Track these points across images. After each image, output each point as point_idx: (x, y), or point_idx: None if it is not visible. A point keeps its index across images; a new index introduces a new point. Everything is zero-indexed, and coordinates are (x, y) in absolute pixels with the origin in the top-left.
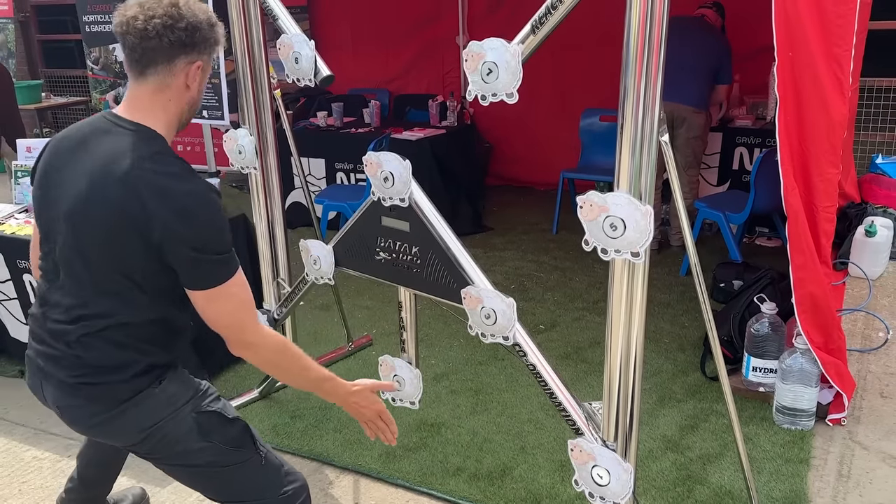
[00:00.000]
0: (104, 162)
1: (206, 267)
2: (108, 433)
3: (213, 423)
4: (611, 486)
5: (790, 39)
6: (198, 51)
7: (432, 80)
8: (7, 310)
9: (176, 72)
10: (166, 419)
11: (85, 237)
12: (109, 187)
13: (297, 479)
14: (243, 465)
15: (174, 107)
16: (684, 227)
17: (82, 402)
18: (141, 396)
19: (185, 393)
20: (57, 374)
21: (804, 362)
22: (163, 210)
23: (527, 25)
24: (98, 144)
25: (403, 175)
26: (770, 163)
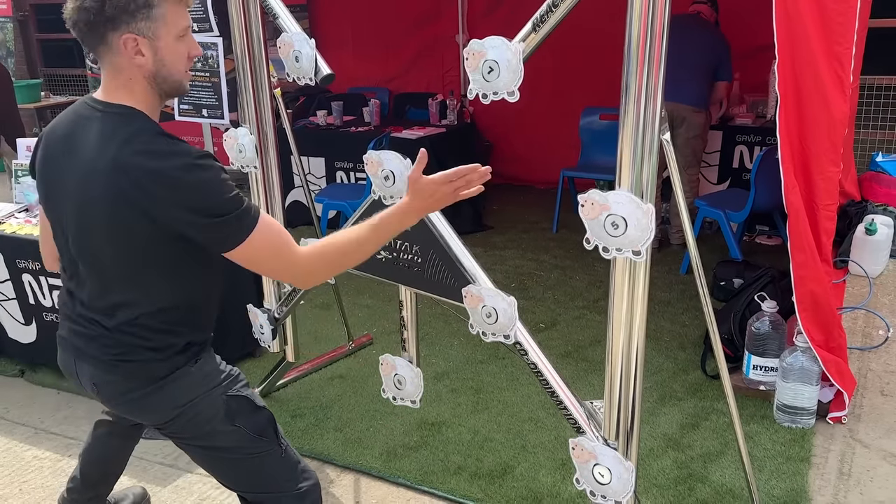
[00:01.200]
0: (92, 153)
1: (225, 229)
2: (143, 409)
3: (242, 408)
4: (612, 485)
5: (791, 37)
6: (124, 22)
7: (432, 78)
8: (6, 310)
9: (116, 50)
10: (200, 397)
11: (92, 232)
12: (102, 180)
13: (311, 478)
14: (264, 454)
15: (137, 83)
16: (686, 225)
17: (119, 378)
18: (179, 374)
19: (218, 374)
20: (93, 351)
21: (805, 360)
22: (162, 191)
23: (528, 24)
24: (84, 134)
25: (404, 174)
26: (770, 161)
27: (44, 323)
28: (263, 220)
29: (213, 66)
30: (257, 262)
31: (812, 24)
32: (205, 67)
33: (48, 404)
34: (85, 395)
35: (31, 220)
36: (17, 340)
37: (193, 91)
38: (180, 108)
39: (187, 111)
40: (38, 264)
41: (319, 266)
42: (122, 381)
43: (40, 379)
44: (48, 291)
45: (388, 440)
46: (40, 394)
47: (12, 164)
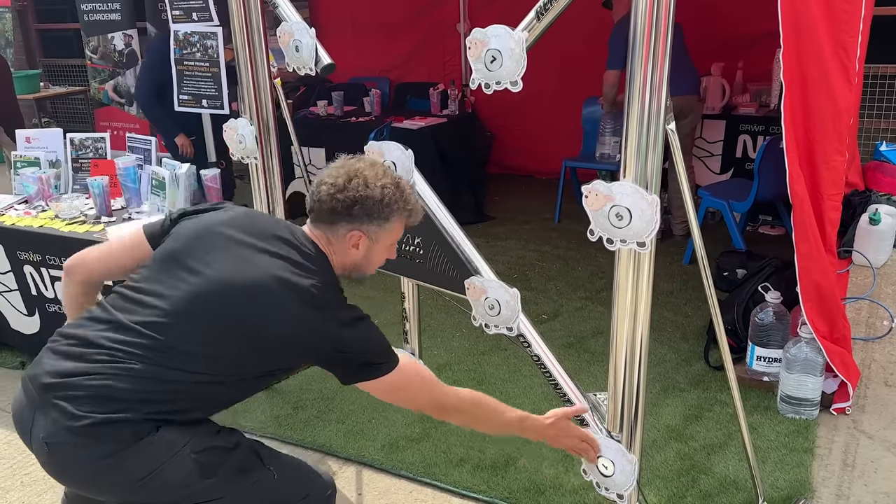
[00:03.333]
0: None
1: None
2: (99, 482)
3: (214, 458)
4: (615, 477)
5: (796, 26)
6: (359, 221)
7: (433, 68)
8: (8, 301)
9: (338, 234)
10: (164, 465)
11: (208, 311)
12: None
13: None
14: (254, 485)
15: (338, 260)
16: (690, 215)
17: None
18: (142, 443)
19: (182, 437)
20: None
21: (809, 351)
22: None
23: (531, 12)
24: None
25: (406, 164)
26: (774, 150)
27: (46, 314)
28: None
29: (212, 55)
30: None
31: (818, 13)
32: (204, 57)
33: None
34: None
35: (30, 212)
36: (20, 331)
37: (193, 81)
38: (180, 99)
39: (187, 101)
40: (39, 256)
41: (464, 413)
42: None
43: None
44: (49, 282)
45: (390, 432)
46: None
47: (11, 155)
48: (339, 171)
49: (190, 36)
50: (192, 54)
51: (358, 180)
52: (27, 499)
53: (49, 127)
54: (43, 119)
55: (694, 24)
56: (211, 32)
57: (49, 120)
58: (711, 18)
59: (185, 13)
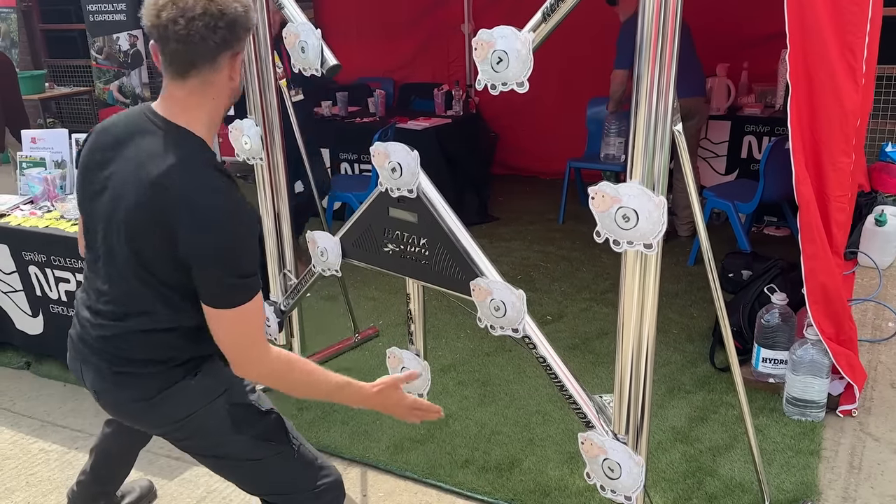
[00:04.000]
0: (139, 166)
1: (226, 288)
2: (141, 420)
3: (247, 416)
4: (622, 480)
5: (803, 26)
6: (239, 41)
7: (437, 68)
8: (13, 301)
9: (219, 68)
10: (201, 410)
11: (120, 239)
12: (142, 193)
13: (331, 474)
14: (275, 457)
15: (217, 103)
16: (697, 216)
17: (116, 388)
18: (176, 388)
19: (219, 385)
20: (95, 360)
21: (815, 353)
22: (188, 225)
23: (538, 13)
24: (136, 145)
25: (412, 165)
26: (779, 151)
27: (51, 315)
28: (259, 298)
29: None
30: (230, 332)
31: (824, 13)
32: None
33: (54, 396)
34: None
35: (35, 213)
36: (25, 332)
37: None
38: None
39: None
40: (44, 256)
41: (278, 373)
42: (120, 392)
43: (47, 371)
44: (55, 284)
45: (395, 433)
46: (47, 386)
47: (17, 155)
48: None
49: None
50: None
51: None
52: (33, 499)
53: (54, 127)
54: (48, 119)
55: (699, 24)
56: None
57: (54, 120)
58: (716, 19)
59: None
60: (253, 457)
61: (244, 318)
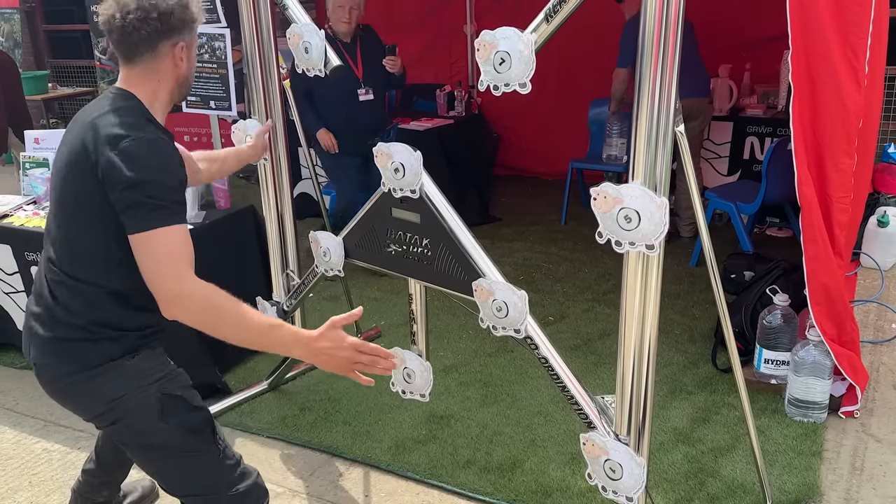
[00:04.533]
0: (83, 119)
1: (140, 209)
2: (73, 399)
3: (176, 407)
4: (623, 480)
5: (805, 27)
6: (177, 32)
7: (440, 69)
8: (15, 302)
9: (161, 56)
10: (131, 393)
11: (61, 182)
12: (76, 134)
13: (251, 478)
14: (198, 455)
15: (162, 85)
16: (699, 217)
17: (53, 360)
18: (111, 365)
19: (155, 372)
20: (38, 330)
21: (817, 354)
22: (106, 151)
23: (540, 14)
24: (87, 109)
25: (414, 166)
26: (781, 152)
27: None
28: (181, 228)
29: (220, 57)
30: (150, 258)
31: (827, 14)
32: (212, 59)
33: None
34: None
35: (39, 213)
36: None
37: (200, 83)
38: (188, 100)
39: (195, 103)
40: None
41: (199, 304)
42: (56, 365)
43: None
44: None
45: (397, 433)
46: None
47: (20, 155)
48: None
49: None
50: (200, 56)
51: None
52: (35, 499)
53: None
54: (51, 120)
55: (701, 25)
56: (219, 34)
57: (57, 121)
58: (719, 20)
59: None
60: (175, 449)
61: (161, 241)
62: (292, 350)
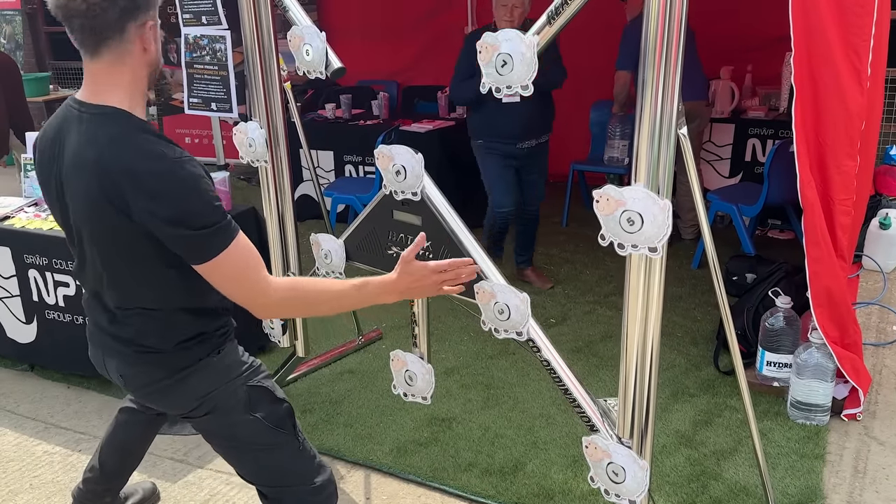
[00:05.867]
0: (76, 157)
1: (196, 241)
2: (166, 399)
3: (262, 399)
4: (626, 484)
5: (807, 29)
6: (144, 9)
7: (441, 71)
8: (7, 307)
9: (130, 39)
10: (221, 388)
11: (87, 233)
12: (89, 182)
13: (326, 472)
14: (281, 447)
15: (135, 75)
16: (702, 219)
17: (141, 371)
18: (200, 365)
19: (239, 365)
20: (117, 346)
21: (819, 357)
22: (135, 194)
23: (542, 16)
24: (70, 138)
25: (416, 168)
26: (783, 154)
27: (45, 321)
28: (240, 239)
29: (221, 59)
30: (225, 280)
31: (829, 16)
32: (213, 61)
33: (58, 399)
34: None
35: (40, 215)
36: (16, 340)
37: (202, 84)
38: (189, 102)
39: (196, 105)
40: (46, 259)
41: (288, 301)
42: (145, 374)
43: (50, 373)
44: (53, 288)
45: (399, 436)
46: (50, 388)
47: (21, 157)
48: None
49: (199, 39)
50: (202, 57)
51: None
52: (36, 501)
53: None
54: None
55: (703, 27)
56: (220, 36)
57: None
58: (721, 22)
59: (194, 17)
60: (261, 442)
61: (230, 262)
62: (384, 298)
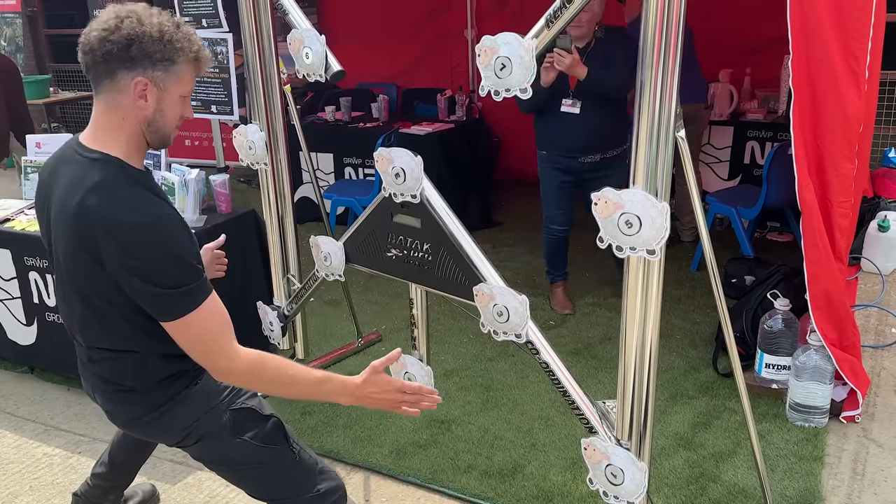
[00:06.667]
0: (62, 197)
1: (165, 300)
2: (153, 433)
3: (248, 420)
4: (625, 486)
5: (805, 32)
6: (141, 66)
7: (440, 74)
8: (8, 309)
9: (121, 88)
10: (204, 416)
11: (66, 274)
12: (68, 225)
13: (331, 478)
14: (276, 462)
15: (129, 125)
16: (700, 222)
17: (125, 407)
18: (180, 397)
19: (220, 392)
20: (99, 384)
21: (818, 359)
22: (110, 246)
23: (541, 20)
24: (61, 177)
25: (415, 171)
26: (782, 157)
27: (45, 323)
28: (211, 301)
29: (222, 62)
30: (190, 342)
31: (827, 18)
32: (214, 63)
33: (58, 401)
34: None
35: None
36: (16, 342)
37: (202, 87)
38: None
39: (196, 108)
40: (46, 261)
41: (251, 374)
42: (126, 411)
43: (50, 375)
44: (53, 290)
45: (398, 438)
46: (50, 390)
47: (21, 160)
48: (108, 14)
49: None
50: None
51: (131, 19)
52: (36, 503)
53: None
54: (52, 124)
55: (702, 29)
56: (221, 39)
57: (59, 125)
58: (719, 24)
59: (194, 19)
60: (255, 461)
61: (196, 325)
62: (340, 399)
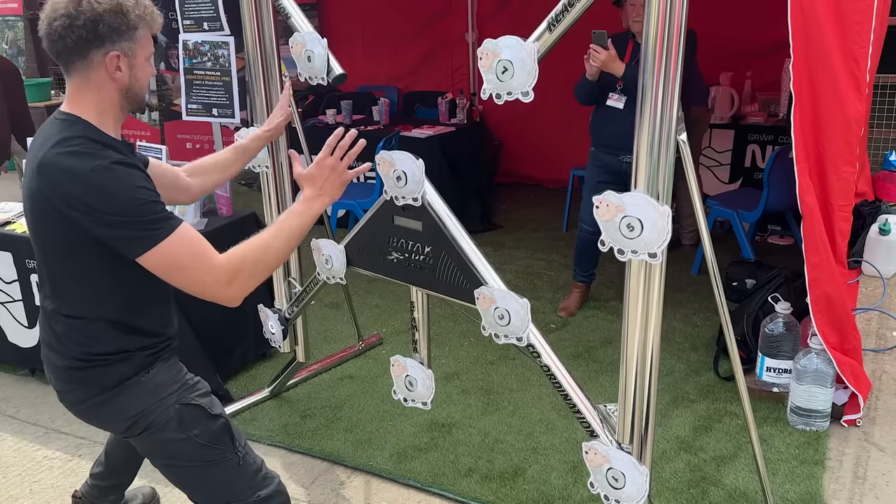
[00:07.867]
0: (32, 158)
1: (134, 233)
2: (98, 418)
3: (195, 417)
4: (626, 489)
5: (806, 35)
6: (110, 41)
7: (441, 77)
8: (10, 312)
9: (94, 65)
10: (151, 407)
11: (32, 229)
12: (33, 179)
13: (273, 483)
14: (218, 463)
15: (104, 96)
16: (701, 225)
17: (73, 386)
18: (129, 383)
19: (172, 383)
20: (52, 359)
21: (819, 363)
22: (73, 190)
23: (543, 23)
24: (35, 140)
25: (417, 174)
26: (783, 160)
27: None
28: (182, 228)
29: (224, 65)
30: (172, 269)
31: (828, 22)
32: (215, 66)
33: (59, 404)
34: None
35: None
36: (17, 345)
37: (203, 90)
38: (188, 108)
39: (196, 111)
40: None
41: (241, 272)
42: (72, 392)
43: None
44: None
45: (399, 441)
46: (51, 393)
47: (23, 162)
48: (61, 3)
49: (200, 45)
50: (203, 63)
51: (87, 2)
52: None
53: None
54: None
55: (702, 33)
56: (223, 42)
57: None
58: (720, 28)
59: (195, 22)
60: (197, 460)
61: (170, 251)
62: (310, 212)
